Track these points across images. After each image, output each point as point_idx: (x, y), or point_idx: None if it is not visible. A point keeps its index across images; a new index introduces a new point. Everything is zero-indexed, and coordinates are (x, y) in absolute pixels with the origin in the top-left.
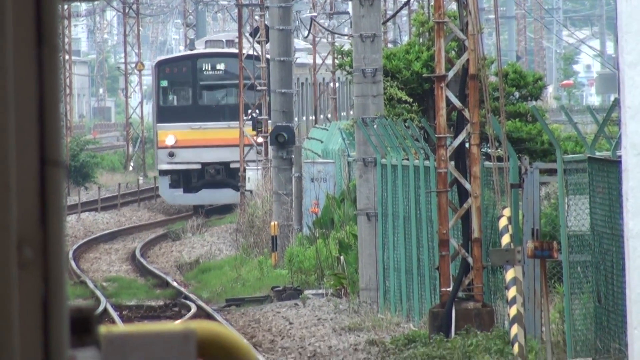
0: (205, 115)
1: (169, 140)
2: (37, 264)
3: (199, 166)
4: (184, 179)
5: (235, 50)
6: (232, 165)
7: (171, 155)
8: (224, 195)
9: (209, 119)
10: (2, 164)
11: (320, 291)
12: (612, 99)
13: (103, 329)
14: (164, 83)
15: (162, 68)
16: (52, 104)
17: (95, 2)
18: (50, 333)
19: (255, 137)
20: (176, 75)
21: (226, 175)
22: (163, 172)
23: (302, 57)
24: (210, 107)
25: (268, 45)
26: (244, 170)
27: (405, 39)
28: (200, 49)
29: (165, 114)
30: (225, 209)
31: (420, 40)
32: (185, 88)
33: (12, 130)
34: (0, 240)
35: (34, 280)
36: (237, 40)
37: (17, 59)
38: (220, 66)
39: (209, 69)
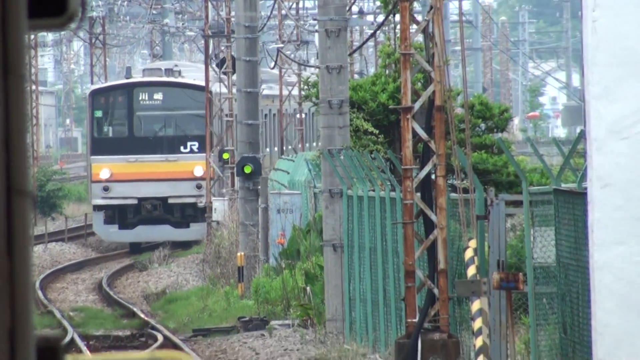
0: (142, 147)
1: (104, 174)
2: (3, 293)
3: (135, 201)
4: (120, 215)
5: (174, 79)
6: (170, 201)
7: (106, 189)
8: (162, 232)
9: (146, 151)
10: None
11: (286, 322)
12: (577, 131)
13: (70, 358)
14: (99, 113)
15: (97, 97)
16: (19, 133)
17: (62, 32)
18: None
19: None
20: (111, 105)
21: (164, 211)
22: (97, 208)
23: (268, 89)
24: (147, 139)
25: (234, 77)
26: (210, 201)
27: (372, 70)
28: (137, 77)
29: (99, 146)
30: (190, 241)
31: (387, 71)
32: (120, 119)
33: None
34: None
35: (0, 309)
36: (176, 68)
37: None
38: (158, 96)
39: (146, 98)
